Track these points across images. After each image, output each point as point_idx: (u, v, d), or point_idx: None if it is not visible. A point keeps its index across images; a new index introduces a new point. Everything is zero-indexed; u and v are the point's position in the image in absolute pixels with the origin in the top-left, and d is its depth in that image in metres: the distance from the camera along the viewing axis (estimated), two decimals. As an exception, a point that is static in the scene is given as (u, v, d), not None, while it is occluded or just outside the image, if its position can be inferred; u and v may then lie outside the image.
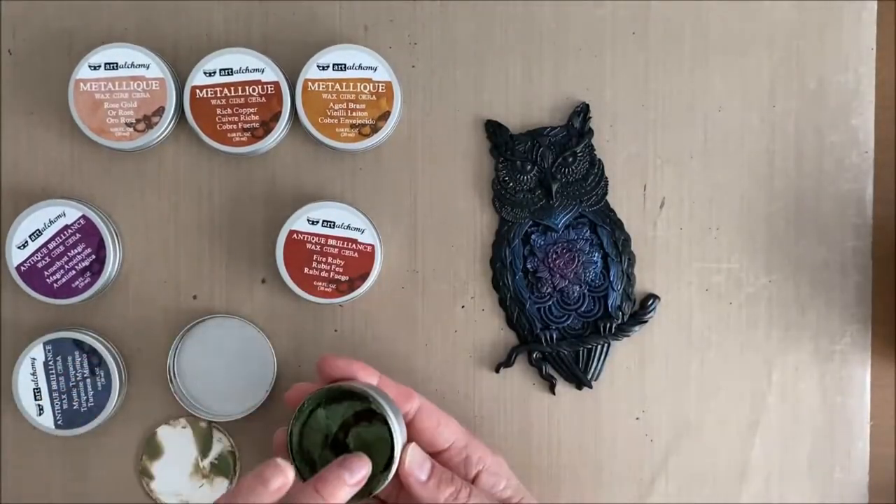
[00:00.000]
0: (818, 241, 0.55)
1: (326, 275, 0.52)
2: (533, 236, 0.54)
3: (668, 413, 0.55)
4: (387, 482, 0.45)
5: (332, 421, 0.46)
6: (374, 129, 0.52)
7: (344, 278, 0.52)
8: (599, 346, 0.54)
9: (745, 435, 0.55)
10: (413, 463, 0.45)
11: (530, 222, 0.54)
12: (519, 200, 0.54)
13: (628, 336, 0.54)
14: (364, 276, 0.52)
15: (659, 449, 0.55)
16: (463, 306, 0.54)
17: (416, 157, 0.54)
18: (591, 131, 0.54)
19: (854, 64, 0.55)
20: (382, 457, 0.45)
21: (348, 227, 0.52)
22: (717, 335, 0.55)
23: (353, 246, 0.52)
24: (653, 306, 0.54)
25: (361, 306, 0.54)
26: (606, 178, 0.54)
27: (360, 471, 0.43)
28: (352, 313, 0.54)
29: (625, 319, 0.54)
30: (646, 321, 0.54)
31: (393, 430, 0.45)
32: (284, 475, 0.41)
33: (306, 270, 0.52)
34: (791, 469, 0.55)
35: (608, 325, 0.54)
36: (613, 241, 0.54)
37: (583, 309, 0.54)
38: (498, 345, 0.54)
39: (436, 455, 0.48)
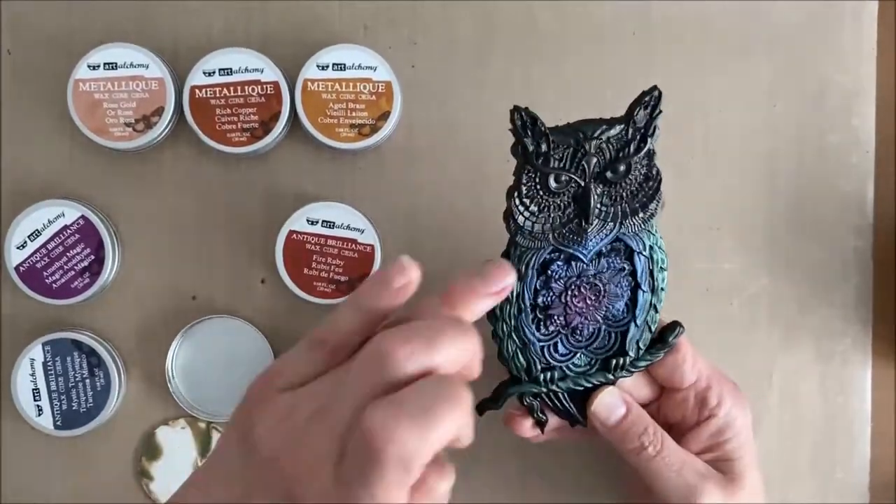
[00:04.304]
0: (819, 242, 0.55)
1: (326, 275, 0.52)
2: (553, 266, 0.42)
3: (668, 414, 0.54)
4: None
5: None
6: (374, 129, 0.52)
7: (343, 279, 0.52)
8: (601, 384, 0.45)
9: (745, 435, 0.55)
10: (601, 406, 0.44)
11: (551, 248, 0.42)
12: (541, 219, 0.41)
13: (639, 371, 0.45)
14: (364, 277, 0.52)
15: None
16: (463, 307, 0.54)
17: (415, 157, 0.54)
18: (656, 131, 0.41)
19: (855, 64, 0.55)
20: None
21: (348, 227, 0.52)
22: (717, 336, 0.55)
23: (353, 246, 0.52)
24: (676, 335, 0.44)
25: (361, 307, 0.54)
26: (662, 194, 0.42)
27: (499, 280, 0.37)
28: (351, 314, 0.54)
29: (639, 354, 0.45)
30: (661, 355, 0.45)
31: None
32: (407, 274, 0.35)
33: (306, 271, 0.52)
34: (792, 469, 0.55)
35: (621, 362, 0.44)
36: (650, 269, 0.43)
37: (595, 345, 0.44)
38: (496, 350, 0.54)
39: (672, 391, 0.45)
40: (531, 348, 0.43)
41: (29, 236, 0.51)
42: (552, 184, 0.40)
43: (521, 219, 0.41)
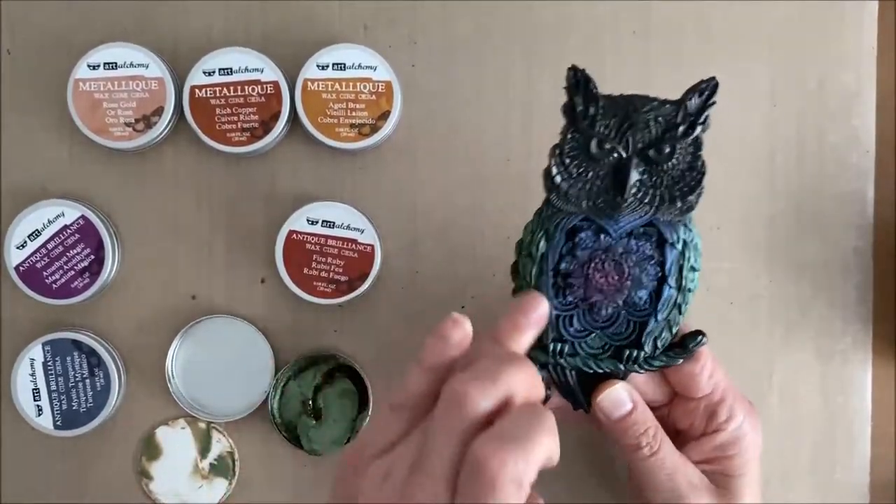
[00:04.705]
0: (819, 242, 0.55)
1: (326, 275, 0.52)
2: (581, 234, 0.42)
3: (668, 413, 0.54)
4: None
5: (305, 388, 0.53)
6: (374, 129, 0.52)
7: (344, 278, 0.52)
8: (611, 372, 0.44)
9: (745, 435, 0.55)
10: (607, 400, 0.44)
11: (582, 216, 0.42)
12: (578, 184, 0.41)
13: (652, 370, 0.44)
14: (364, 277, 0.52)
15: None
16: (463, 306, 0.54)
17: (416, 157, 0.54)
18: (707, 120, 0.41)
19: (855, 64, 0.55)
20: (352, 407, 0.53)
21: (348, 227, 0.52)
22: (717, 335, 0.54)
23: (353, 246, 0.52)
24: (697, 344, 0.43)
25: (361, 306, 0.54)
26: (703, 187, 0.42)
27: (533, 309, 0.39)
28: (351, 313, 0.54)
29: (655, 353, 0.43)
30: (678, 361, 0.44)
31: (363, 376, 0.53)
32: (462, 327, 0.38)
33: (306, 270, 0.52)
34: (792, 469, 0.55)
35: (634, 355, 0.43)
36: (679, 264, 0.42)
37: (611, 329, 0.43)
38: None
39: (685, 398, 0.45)
40: None
41: (29, 236, 0.51)
42: (593, 149, 0.41)
43: (557, 178, 0.41)
